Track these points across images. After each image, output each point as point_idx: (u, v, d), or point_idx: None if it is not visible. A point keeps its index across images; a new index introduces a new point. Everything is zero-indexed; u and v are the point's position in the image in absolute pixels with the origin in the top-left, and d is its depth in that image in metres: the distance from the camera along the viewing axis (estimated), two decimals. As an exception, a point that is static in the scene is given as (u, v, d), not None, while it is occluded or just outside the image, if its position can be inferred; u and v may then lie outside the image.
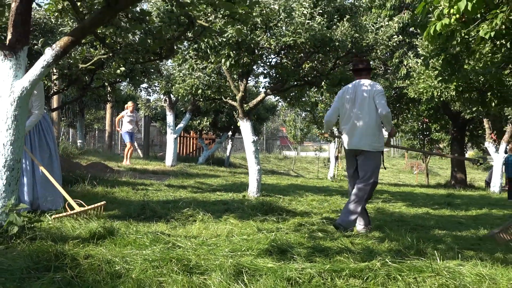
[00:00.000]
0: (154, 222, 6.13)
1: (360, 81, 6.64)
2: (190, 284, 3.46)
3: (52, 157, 6.72)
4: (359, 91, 6.54)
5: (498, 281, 3.86)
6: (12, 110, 4.54)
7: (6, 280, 3.38)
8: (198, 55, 9.77)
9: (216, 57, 9.37)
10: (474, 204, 10.95)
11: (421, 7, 5.07)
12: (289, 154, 39.67)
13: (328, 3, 9.83)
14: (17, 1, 4.68)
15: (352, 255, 4.55)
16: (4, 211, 4.44)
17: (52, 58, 4.61)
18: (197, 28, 6.63)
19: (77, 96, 14.35)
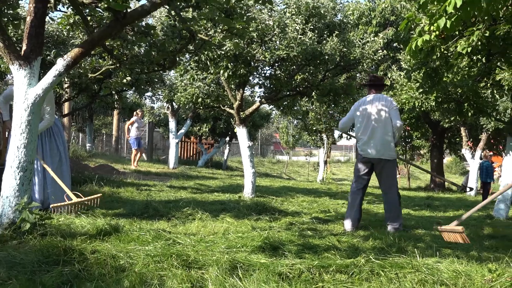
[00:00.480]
0: (156, 220, 6.12)
1: (376, 95, 6.77)
2: (188, 278, 3.45)
3: (62, 160, 6.70)
4: (377, 105, 6.66)
5: (473, 277, 3.87)
6: (26, 116, 4.54)
7: (19, 273, 3.37)
8: (199, 66, 9.79)
9: (215, 68, 9.38)
10: (452, 206, 10.97)
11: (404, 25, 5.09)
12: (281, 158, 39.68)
13: (318, 20, 9.85)
14: (31, 15, 4.68)
15: (338, 252, 4.55)
16: (18, 209, 4.43)
17: (64, 68, 4.60)
18: (197, 41, 6.63)
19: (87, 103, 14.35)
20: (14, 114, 4.58)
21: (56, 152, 6.63)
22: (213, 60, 9.12)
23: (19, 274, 3.34)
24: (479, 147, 16.81)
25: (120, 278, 3.40)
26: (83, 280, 3.36)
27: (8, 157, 4.57)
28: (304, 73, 10.15)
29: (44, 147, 6.49)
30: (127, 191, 8.87)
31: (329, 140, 22.08)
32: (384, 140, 6.59)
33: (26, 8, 5.19)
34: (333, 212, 8.27)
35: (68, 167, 6.85)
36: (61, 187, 6.46)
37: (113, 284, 3.26)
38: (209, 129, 21.58)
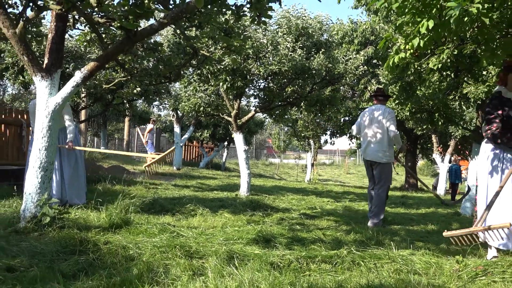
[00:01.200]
0: (162, 215, 6.11)
1: (377, 106, 6.92)
2: (190, 267, 3.45)
3: (78, 161, 6.70)
4: (374, 114, 6.82)
5: (442, 267, 3.87)
6: (47, 122, 4.53)
7: (39, 261, 3.37)
8: (201, 79, 9.80)
9: (215, 81, 9.39)
10: (424, 204, 10.98)
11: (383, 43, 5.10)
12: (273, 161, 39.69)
13: (307, 39, 9.88)
14: (53, 32, 4.67)
15: (324, 244, 4.56)
16: (39, 204, 4.42)
17: (81, 79, 4.60)
18: (200, 57, 6.64)
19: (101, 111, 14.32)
20: (36, 120, 4.57)
21: (72, 154, 6.62)
22: (213, 73, 9.13)
23: (39, 262, 3.33)
24: (448, 152, 16.88)
25: (129, 266, 3.39)
26: (97, 268, 3.35)
27: (30, 158, 4.56)
28: (294, 85, 10.16)
29: (62, 150, 6.48)
30: (136, 189, 8.85)
31: (316, 145, 22.11)
32: (377, 145, 6.74)
33: (48, 26, 5.18)
34: (319, 208, 8.27)
35: (83, 167, 6.85)
36: (78, 184, 6.54)
37: (123, 272, 3.25)
38: (209, 134, 21.61)
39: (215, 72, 9.06)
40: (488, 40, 4.88)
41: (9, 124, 8.46)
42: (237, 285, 2.97)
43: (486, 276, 3.58)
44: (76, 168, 6.65)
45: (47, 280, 3.03)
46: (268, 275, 3.23)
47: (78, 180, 6.64)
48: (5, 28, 4.47)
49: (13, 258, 3.37)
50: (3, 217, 4.69)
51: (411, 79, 8.04)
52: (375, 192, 6.77)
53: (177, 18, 4.61)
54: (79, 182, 6.65)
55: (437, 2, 4.00)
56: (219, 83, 9.36)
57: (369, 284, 3.05)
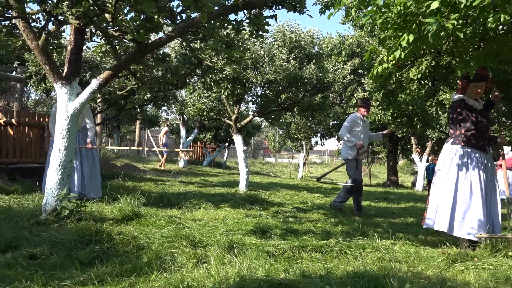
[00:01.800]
0: (169, 208, 6.10)
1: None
2: (195, 255, 3.44)
3: (95, 160, 6.72)
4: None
5: (421, 256, 3.88)
6: (66, 124, 4.52)
7: (59, 249, 3.36)
8: (204, 86, 9.80)
9: (217, 88, 9.39)
10: (404, 199, 11.00)
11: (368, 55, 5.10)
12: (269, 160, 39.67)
13: (300, 51, 9.89)
14: (72, 44, 4.67)
15: (314, 235, 4.55)
16: (59, 199, 4.41)
17: (97, 86, 4.59)
18: (204, 67, 6.63)
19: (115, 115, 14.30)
20: (57, 123, 4.57)
21: (90, 154, 6.65)
22: (216, 81, 9.13)
23: (59, 251, 3.33)
24: (426, 153, 16.91)
25: (140, 254, 3.38)
26: (111, 256, 3.35)
27: (51, 157, 4.56)
28: (288, 93, 10.17)
29: (81, 150, 6.50)
30: (146, 185, 8.85)
31: (307, 146, 22.13)
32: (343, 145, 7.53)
33: (68, 39, 5.18)
34: (310, 203, 8.28)
35: (99, 166, 6.85)
36: (95, 180, 6.61)
37: (134, 259, 3.24)
38: (212, 136, 21.65)
39: (217, 80, 9.07)
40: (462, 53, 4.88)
41: (32, 126, 8.44)
42: (237, 272, 2.97)
43: (460, 264, 3.59)
44: (94, 165, 6.68)
45: (66, 267, 3.02)
46: (264, 263, 3.23)
47: (95, 176, 6.66)
48: (29, 40, 4.47)
49: (35, 247, 3.37)
50: (27, 210, 4.69)
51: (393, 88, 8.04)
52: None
53: (183, 32, 4.61)
54: (96, 178, 6.67)
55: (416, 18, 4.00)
56: (221, 90, 9.37)
57: (355, 271, 3.05)
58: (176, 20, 4.59)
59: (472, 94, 4.56)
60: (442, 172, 4.54)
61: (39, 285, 2.62)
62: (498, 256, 3.87)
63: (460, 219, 4.33)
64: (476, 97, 4.58)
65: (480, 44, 5.04)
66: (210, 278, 2.88)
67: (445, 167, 4.53)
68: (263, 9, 4.91)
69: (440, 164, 4.61)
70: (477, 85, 4.54)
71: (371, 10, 4.14)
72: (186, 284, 2.78)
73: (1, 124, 8.17)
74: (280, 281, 2.78)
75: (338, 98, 15.23)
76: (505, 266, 3.52)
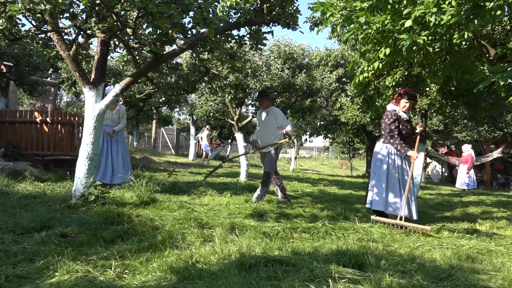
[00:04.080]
0: (180, 195, 6.09)
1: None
2: (202, 235, 3.44)
3: (126, 151, 6.94)
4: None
5: (394, 236, 3.88)
6: (93, 123, 4.50)
7: (86, 229, 3.35)
8: (211, 91, 9.77)
9: (222, 93, 9.37)
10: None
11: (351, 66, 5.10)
12: (266, 154, 39.55)
13: (292, 62, 9.87)
14: (98, 54, 4.65)
15: (303, 218, 4.55)
16: (86, 186, 4.40)
17: (119, 90, 4.57)
18: (210, 74, 6.61)
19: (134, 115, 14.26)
20: (85, 122, 4.54)
21: (122, 145, 6.84)
22: (220, 87, 9.11)
23: (86, 230, 3.32)
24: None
25: (155, 234, 3.38)
26: (130, 235, 3.34)
27: (80, 151, 4.54)
28: (282, 97, 10.16)
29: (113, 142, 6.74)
30: (161, 175, 8.82)
31: (298, 142, 22.14)
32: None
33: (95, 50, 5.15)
34: (300, 191, 8.26)
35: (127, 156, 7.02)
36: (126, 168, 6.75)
37: (150, 238, 3.23)
38: (217, 133, 21.64)
39: (222, 86, 9.04)
40: (431, 64, 4.88)
41: (64, 124, 8.41)
42: (238, 249, 2.96)
43: (428, 244, 3.59)
44: (126, 154, 6.87)
45: (92, 244, 3.01)
46: (261, 242, 3.23)
47: (127, 163, 6.81)
48: (62, 50, 4.44)
49: (66, 227, 3.36)
50: (59, 195, 4.67)
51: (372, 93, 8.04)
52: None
53: (193, 45, 4.59)
54: (126, 165, 6.78)
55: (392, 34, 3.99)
56: (225, 94, 9.35)
57: (338, 249, 3.05)
58: (188, 34, 4.57)
59: (401, 107, 4.89)
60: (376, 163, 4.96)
61: (69, 260, 2.61)
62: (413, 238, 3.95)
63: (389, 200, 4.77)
64: (403, 110, 4.89)
65: (447, 57, 5.04)
66: (215, 255, 2.87)
67: (377, 160, 4.96)
68: (261, 26, 4.89)
69: (374, 158, 5.03)
70: (407, 101, 4.84)
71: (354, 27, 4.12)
72: (194, 260, 2.78)
73: (38, 122, 8.16)
74: (274, 257, 2.77)
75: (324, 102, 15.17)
76: (465, 246, 3.52)
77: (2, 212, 3.70)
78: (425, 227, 4.20)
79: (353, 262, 2.76)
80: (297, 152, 23.08)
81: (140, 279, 2.41)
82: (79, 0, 4.04)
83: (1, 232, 3.11)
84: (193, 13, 4.00)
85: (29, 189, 5.08)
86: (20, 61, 9.27)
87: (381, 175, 4.86)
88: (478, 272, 2.82)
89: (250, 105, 11.30)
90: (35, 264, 2.54)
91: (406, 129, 4.90)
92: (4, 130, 8.25)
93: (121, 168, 6.63)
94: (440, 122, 15.36)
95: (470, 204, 7.86)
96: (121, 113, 6.88)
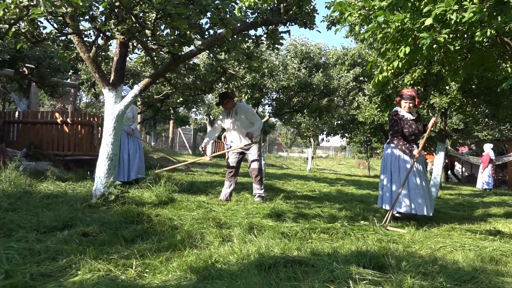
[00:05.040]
0: (198, 195, 6.12)
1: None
2: (220, 235, 3.44)
3: (141, 148, 7.02)
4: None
5: (414, 237, 3.83)
6: (113, 123, 4.55)
7: (107, 228, 3.39)
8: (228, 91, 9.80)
9: (239, 93, 9.38)
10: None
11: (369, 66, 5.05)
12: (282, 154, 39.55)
13: (309, 61, 9.83)
14: (117, 56, 4.70)
15: (322, 218, 4.52)
16: (106, 185, 4.45)
17: (138, 91, 4.62)
18: (227, 74, 6.63)
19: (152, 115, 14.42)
20: (104, 122, 4.60)
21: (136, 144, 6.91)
22: (237, 87, 9.13)
23: (107, 229, 3.36)
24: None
25: (174, 233, 3.40)
26: (150, 234, 3.37)
27: (100, 151, 4.60)
28: (299, 97, 10.13)
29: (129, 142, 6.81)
30: (178, 175, 8.89)
31: (315, 142, 22.02)
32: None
33: (114, 51, 5.22)
34: (318, 191, 8.23)
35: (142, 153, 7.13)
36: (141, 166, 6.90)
37: (170, 238, 3.25)
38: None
39: (239, 86, 9.06)
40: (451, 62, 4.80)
41: (84, 125, 8.55)
42: (256, 249, 2.96)
43: (450, 245, 3.53)
44: (140, 152, 6.94)
45: (112, 243, 3.05)
46: (280, 242, 3.22)
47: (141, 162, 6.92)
48: (82, 52, 4.51)
49: (87, 226, 3.41)
50: (80, 194, 4.75)
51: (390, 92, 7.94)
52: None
53: (211, 45, 4.61)
54: (141, 163, 6.92)
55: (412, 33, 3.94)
56: (242, 94, 9.36)
57: (358, 250, 3.02)
58: (205, 35, 4.59)
59: (403, 108, 5.03)
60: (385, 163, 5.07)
61: (91, 258, 2.65)
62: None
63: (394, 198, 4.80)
64: (406, 110, 5.01)
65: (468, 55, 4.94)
66: (234, 255, 2.88)
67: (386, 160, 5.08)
68: (278, 25, 4.88)
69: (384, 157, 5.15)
70: (406, 102, 4.98)
71: (372, 26, 4.08)
72: (214, 259, 2.78)
73: (58, 123, 8.31)
74: (293, 258, 2.76)
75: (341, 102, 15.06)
76: (489, 248, 3.44)
77: (25, 211, 3.78)
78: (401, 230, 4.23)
79: (373, 263, 2.73)
80: (314, 152, 22.96)
81: (161, 278, 2.44)
82: (98, 3, 4.10)
83: (25, 231, 3.17)
84: (211, 13, 4.02)
85: (51, 188, 5.17)
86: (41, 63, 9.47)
87: (387, 175, 4.98)
88: (502, 275, 2.76)
89: (266, 105, 11.30)
90: (58, 262, 2.59)
91: (411, 129, 4.96)
92: (26, 131, 8.44)
93: (137, 164, 6.75)
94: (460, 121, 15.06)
95: (492, 204, 7.70)
96: (134, 111, 7.01)
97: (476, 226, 4.84)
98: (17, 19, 3.88)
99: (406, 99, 4.97)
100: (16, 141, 8.38)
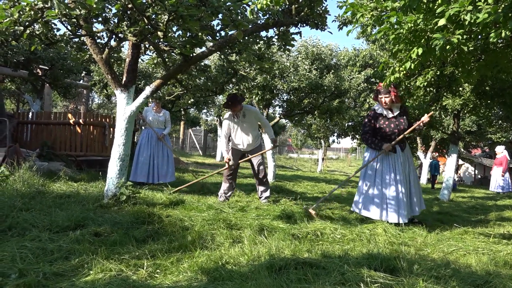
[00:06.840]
0: (208, 196, 6.13)
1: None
2: (231, 236, 3.45)
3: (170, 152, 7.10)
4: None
5: (426, 240, 3.78)
6: (125, 124, 4.59)
7: (118, 228, 3.41)
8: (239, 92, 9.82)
9: (250, 94, 9.39)
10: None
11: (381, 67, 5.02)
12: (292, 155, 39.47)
13: (320, 62, 9.80)
14: (129, 57, 4.74)
15: (332, 221, 4.50)
16: (118, 186, 4.48)
17: (150, 92, 4.65)
18: (238, 76, 6.64)
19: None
20: (116, 123, 4.64)
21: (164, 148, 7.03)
22: (248, 88, 9.14)
23: (118, 229, 3.38)
24: (429, 151, 16.51)
25: (185, 234, 3.41)
26: (161, 235, 3.39)
27: (112, 152, 4.63)
28: (310, 98, 10.10)
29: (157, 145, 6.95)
30: (189, 176, 8.92)
31: (325, 143, 21.92)
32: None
33: (126, 53, 5.26)
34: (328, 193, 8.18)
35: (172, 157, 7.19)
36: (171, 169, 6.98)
37: (180, 238, 3.27)
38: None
39: (250, 87, 9.07)
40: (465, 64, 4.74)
41: (96, 126, 8.63)
42: (267, 251, 2.95)
43: (463, 249, 3.48)
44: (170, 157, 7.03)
45: (124, 243, 3.07)
46: (290, 243, 3.21)
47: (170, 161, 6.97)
48: (94, 54, 4.56)
49: (99, 226, 3.44)
50: (92, 195, 4.78)
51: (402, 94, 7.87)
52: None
53: (222, 47, 4.62)
54: (170, 166, 6.97)
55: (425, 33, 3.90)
56: (253, 95, 9.37)
57: (369, 253, 2.99)
58: (216, 36, 4.61)
59: (381, 104, 4.92)
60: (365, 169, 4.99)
61: (103, 258, 2.67)
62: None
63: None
64: (385, 107, 4.89)
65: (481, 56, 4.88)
66: (244, 256, 2.88)
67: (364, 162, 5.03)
68: (289, 27, 4.88)
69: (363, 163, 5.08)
70: (382, 96, 4.88)
71: (384, 27, 4.05)
72: (224, 261, 2.79)
73: (71, 124, 8.40)
74: (304, 260, 2.75)
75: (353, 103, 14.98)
76: (503, 252, 3.39)
77: (39, 211, 3.82)
78: (316, 217, 4.41)
79: (384, 266, 2.71)
80: (324, 153, 22.86)
81: (172, 279, 2.44)
82: (111, 5, 4.14)
83: (38, 230, 3.21)
84: (222, 15, 4.03)
85: (64, 188, 5.22)
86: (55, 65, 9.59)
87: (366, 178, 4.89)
88: (517, 279, 2.71)
89: (277, 106, 11.30)
90: (70, 262, 2.62)
91: (389, 128, 4.87)
92: (39, 131, 8.55)
93: (165, 169, 6.80)
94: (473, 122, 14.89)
95: (505, 208, 7.58)
96: (167, 116, 7.13)
97: (490, 230, 4.76)
98: (31, 21, 3.93)
99: (382, 93, 4.88)
100: (30, 141, 8.50)
